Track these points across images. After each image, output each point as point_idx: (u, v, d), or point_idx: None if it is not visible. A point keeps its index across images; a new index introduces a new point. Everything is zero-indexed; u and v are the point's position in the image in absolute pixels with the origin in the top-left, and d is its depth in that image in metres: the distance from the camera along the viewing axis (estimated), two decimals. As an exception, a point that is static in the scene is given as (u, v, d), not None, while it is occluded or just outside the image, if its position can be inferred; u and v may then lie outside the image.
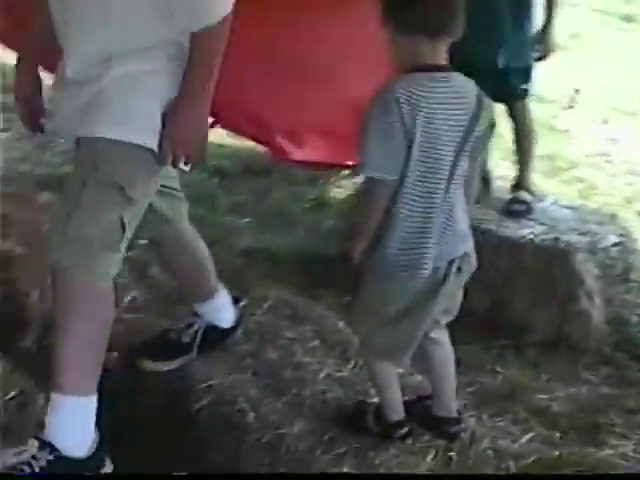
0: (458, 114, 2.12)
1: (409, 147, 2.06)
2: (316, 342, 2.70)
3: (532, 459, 2.53)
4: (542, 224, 3.38)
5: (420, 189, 2.11)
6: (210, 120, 2.26)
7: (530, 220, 3.42)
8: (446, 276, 2.21)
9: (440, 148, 2.10)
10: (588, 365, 3.21)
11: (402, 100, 2.04)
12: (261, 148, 4.13)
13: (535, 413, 2.85)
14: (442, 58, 2.12)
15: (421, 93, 2.06)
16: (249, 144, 4.30)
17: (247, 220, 4.06)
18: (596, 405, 2.93)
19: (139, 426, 2.47)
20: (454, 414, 2.45)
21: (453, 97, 2.12)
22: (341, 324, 2.79)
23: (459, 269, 2.25)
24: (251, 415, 2.35)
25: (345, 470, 2.27)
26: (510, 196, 3.64)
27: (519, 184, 3.63)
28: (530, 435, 2.67)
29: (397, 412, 2.38)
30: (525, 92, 3.48)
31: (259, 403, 2.40)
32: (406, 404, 2.41)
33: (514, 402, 2.89)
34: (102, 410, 2.10)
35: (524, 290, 3.26)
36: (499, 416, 2.78)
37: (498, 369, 3.11)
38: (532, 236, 3.29)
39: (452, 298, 2.32)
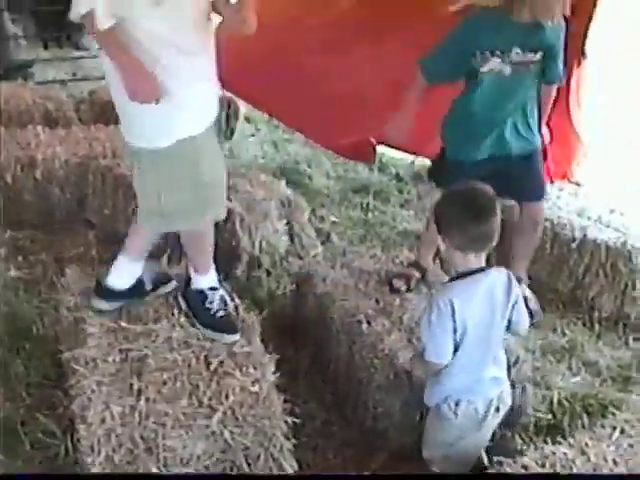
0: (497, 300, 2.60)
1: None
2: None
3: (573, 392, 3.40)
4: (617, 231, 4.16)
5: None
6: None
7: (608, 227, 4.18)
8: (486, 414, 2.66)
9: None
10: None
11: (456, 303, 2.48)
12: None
13: (585, 364, 3.69)
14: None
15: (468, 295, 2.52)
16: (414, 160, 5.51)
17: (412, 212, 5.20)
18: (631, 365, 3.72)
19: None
20: None
21: (491, 289, 2.58)
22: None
23: (497, 409, 2.69)
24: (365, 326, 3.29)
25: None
26: None
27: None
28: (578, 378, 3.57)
29: None
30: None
31: (374, 320, 3.31)
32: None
33: (572, 355, 3.74)
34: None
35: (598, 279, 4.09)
36: (559, 362, 3.66)
37: (566, 332, 3.93)
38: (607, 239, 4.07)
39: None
